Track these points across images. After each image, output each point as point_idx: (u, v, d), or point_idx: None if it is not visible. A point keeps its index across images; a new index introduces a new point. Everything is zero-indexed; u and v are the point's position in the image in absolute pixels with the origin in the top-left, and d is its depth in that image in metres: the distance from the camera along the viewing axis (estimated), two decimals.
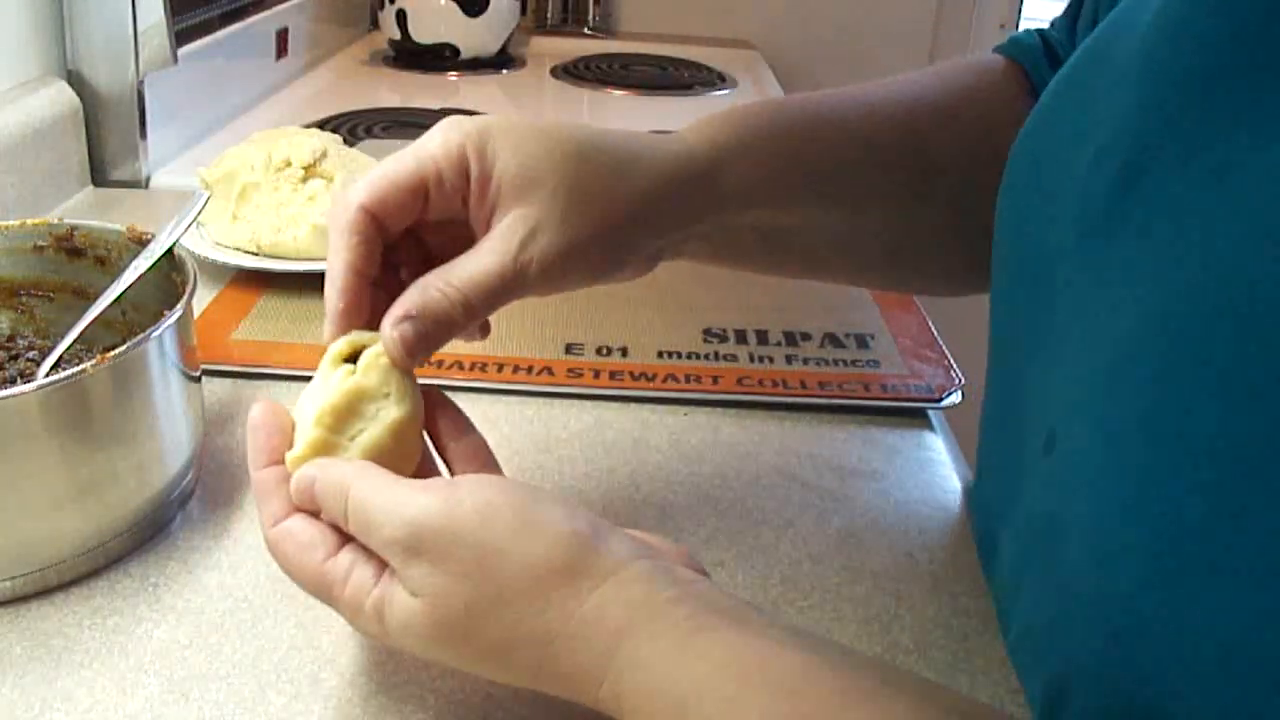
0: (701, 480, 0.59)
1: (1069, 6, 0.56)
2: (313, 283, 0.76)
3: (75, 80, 0.92)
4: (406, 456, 0.43)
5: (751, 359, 0.70)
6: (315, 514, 0.40)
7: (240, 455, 0.58)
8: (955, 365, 0.70)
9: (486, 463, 0.44)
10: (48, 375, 0.50)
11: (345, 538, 0.39)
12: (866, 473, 0.60)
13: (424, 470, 0.44)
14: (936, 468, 0.61)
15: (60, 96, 0.89)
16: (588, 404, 0.65)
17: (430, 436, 0.45)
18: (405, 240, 0.45)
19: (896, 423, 0.65)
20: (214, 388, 0.64)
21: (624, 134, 0.47)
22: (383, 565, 0.38)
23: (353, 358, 0.43)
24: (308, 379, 0.65)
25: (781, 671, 0.33)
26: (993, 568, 0.49)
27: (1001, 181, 0.47)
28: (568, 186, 0.43)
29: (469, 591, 0.35)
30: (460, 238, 0.44)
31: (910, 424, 0.65)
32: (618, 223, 0.44)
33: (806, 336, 0.73)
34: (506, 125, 0.44)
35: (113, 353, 0.45)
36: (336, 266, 0.43)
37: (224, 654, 0.45)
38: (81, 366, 0.44)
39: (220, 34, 1.12)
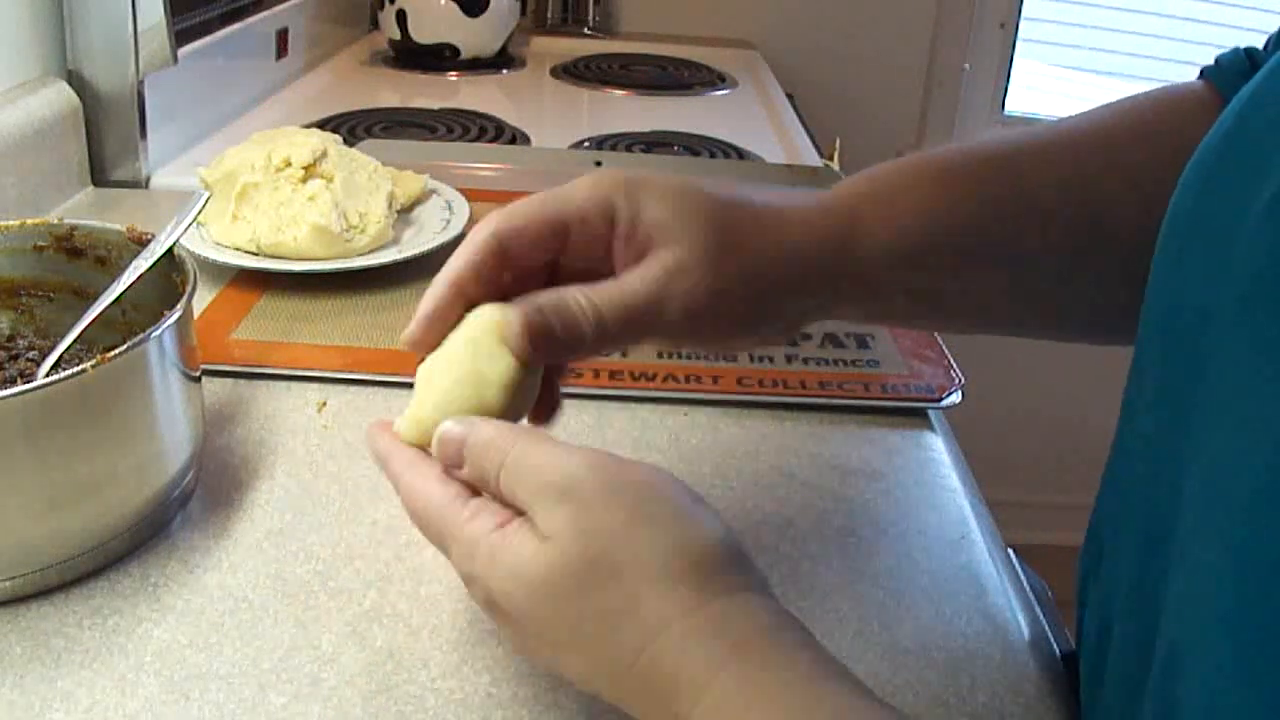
0: (701, 480, 0.59)
1: None
2: (313, 283, 0.76)
3: (75, 80, 0.92)
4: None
5: (751, 359, 0.70)
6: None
7: (240, 455, 0.58)
8: (955, 365, 0.70)
9: None
10: (48, 375, 0.50)
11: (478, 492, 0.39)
12: (866, 473, 0.60)
13: None
14: (936, 468, 0.61)
15: (60, 96, 0.89)
16: (588, 404, 0.65)
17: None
18: (540, 280, 0.45)
19: (896, 423, 0.65)
20: (214, 388, 0.64)
21: (766, 191, 0.46)
22: (511, 519, 0.37)
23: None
24: (308, 379, 0.66)
25: None
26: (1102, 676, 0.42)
27: (1163, 223, 0.40)
28: (716, 234, 0.42)
29: (602, 546, 0.34)
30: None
31: (910, 424, 0.65)
32: (761, 272, 0.44)
33: (806, 336, 0.73)
34: (655, 178, 0.44)
35: (113, 353, 0.45)
36: (443, 275, 0.43)
37: (224, 654, 0.45)
38: (81, 366, 0.44)
39: (220, 34, 1.12)
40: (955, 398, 0.66)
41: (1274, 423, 0.28)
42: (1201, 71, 0.51)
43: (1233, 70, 0.48)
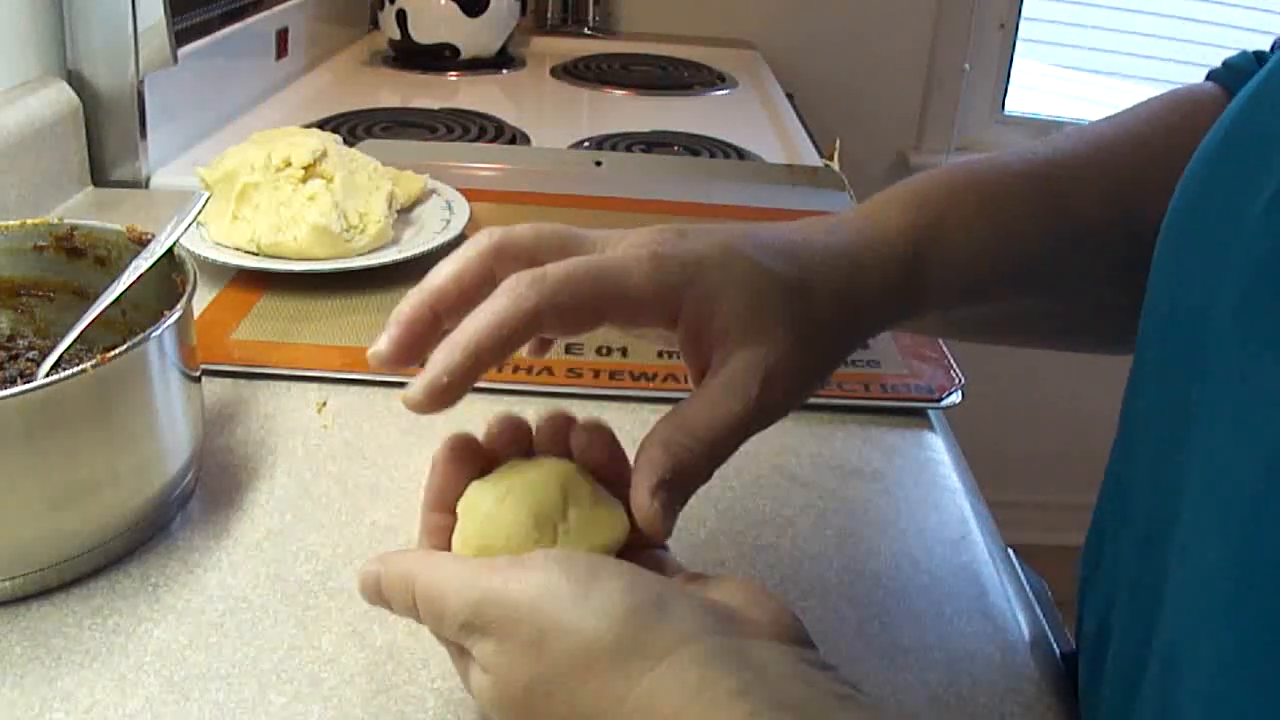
0: None
1: None
2: (313, 283, 0.76)
3: (75, 80, 0.92)
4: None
5: None
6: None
7: (240, 455, 0.58)
8: (955, 365, 0.70)
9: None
10: (48, 375, 0.50)
11: None
12: (866, 473, 0.60)
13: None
14: (936, 468, 0.61)
15: (60, 96, 0.89)
16: (588, 404, 0.65)
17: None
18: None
19: (896, 423, 0.65)
20: (214, 388, 0.64)
21: (821, 224, 0.43)
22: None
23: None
24: (308, 379, 0.66)
25: None
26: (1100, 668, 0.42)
27: (1163, 224, 0.40)
28: (800, 325, 0.39)
29: (528, 670, 0.34)
30: None
31: (910, 424, 0.65)
32: (841, 349, 0.42)
33: None
34: (722, 258, 0.39)
35: (113, 353, 0.45)
36: (424, 286, 0.40)
37: (224, 654, 0.45)
38: (81, 366, 0.44)
39: (220, 34, 1.12)
40: (955, 398, 0.66)
41: (1273, 421, 0.28)
42: (1209, 74, 0.51)
43: (1243, 72, 0.48)
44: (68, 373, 0.44)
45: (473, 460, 0.40)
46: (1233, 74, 0.49)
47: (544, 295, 0.36)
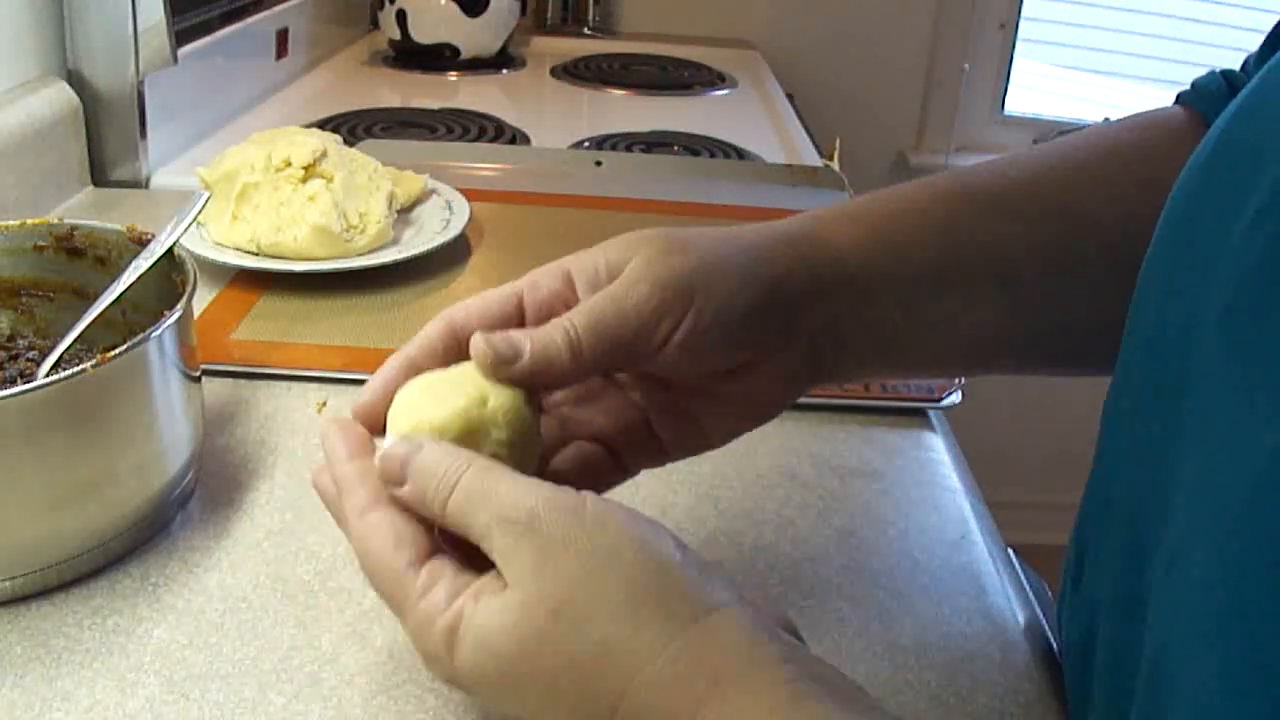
0: (701, 480, 0.59)
1: (1264, 44, 0.46)
2: (313, 283, 0.76)
3: (75, 80, 0.92)
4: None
5: None
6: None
7: (240, 455, 0.58)
8: None
9: None
10: (48, 375, 0.50)
11: (434, 547, 0.37)
12: (866, 473, 0.60)
13: None
14: (936, 468, 0.61)
15: (60, 96, 0.89)
16: None
17: None
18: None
19: (896, 423, 0.65)
20: (214, 388, 0.64)
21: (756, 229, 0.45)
22: (464, 588, 0.35)
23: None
24: (307, 379, 0.66)
25: None
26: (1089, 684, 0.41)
27: (1149, 246, 0.40)
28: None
29: (566, 594, 0.33)
30: None
31: (910, 424, 0.65)
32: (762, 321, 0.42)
33: None
34: (705, 282, 0.41)
35: (113, 353, 0.45)
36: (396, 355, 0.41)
37: (224, 654, 0.45)
38: (81, 366, 0.44)
39: (220, 34, 1.12)
40: (955, 398, 0.66)
41: (1258, 432, 0.28)
42: (1178, 97, 0.51)
43: (1212, 93, 0.49)
44: (68, 373, 0.44)
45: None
46: (1201, 96, 0.49)
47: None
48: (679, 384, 0.44)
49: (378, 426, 0.40)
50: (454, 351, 0.41)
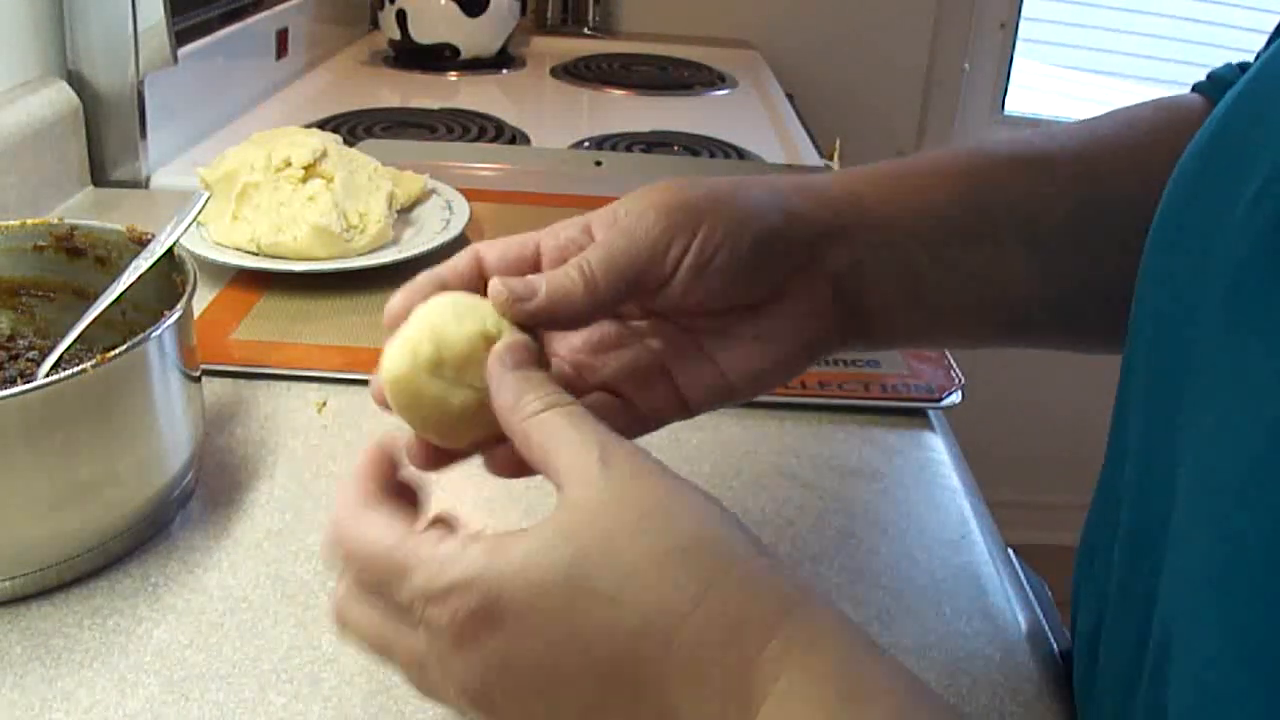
0: (701, 480, 0.58)
1: (1274, 34, 0.46)
2: (313, 283, 0.76)
3: (75, 80, 0.92)
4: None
5: None
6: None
7: (240, 455, 0.58)
8: (955, 365, 0.70)
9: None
10: (48, 375, 0.50)
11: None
12: (866, 473, 0.60)
13: None
14: (936, 468, 0.61)
15: (60, 96, 0.89)
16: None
17: None
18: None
19: (896, 423, 0.65)
20: (214, 388, 0.64)
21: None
22: (476, 537, 0.34)
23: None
24: (308, 379, 0.66)
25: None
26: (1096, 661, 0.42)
27: (1152, 225, 0.40)
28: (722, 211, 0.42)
29: (599, 525, 0.32)
30: None
31: (910, 424, 0.65)
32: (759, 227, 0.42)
33: None
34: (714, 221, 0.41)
35: (113, 353, 0.45)
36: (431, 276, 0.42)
37: (224, 654, 0.45)
38: (81, 366, 0.44)
39: (220, 34, 1.12)
40: (955, 398, 0.66)
41: (1260, 410, 0.28)
42: (1195, 86, 0.51)
43: (1227, 82, 0.48)
44: (68, 373, 0.44)
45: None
46: (1217, 85, 0.49)
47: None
48: (696, 326, 0.44)
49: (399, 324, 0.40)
50: (477, 283, 0.42)
